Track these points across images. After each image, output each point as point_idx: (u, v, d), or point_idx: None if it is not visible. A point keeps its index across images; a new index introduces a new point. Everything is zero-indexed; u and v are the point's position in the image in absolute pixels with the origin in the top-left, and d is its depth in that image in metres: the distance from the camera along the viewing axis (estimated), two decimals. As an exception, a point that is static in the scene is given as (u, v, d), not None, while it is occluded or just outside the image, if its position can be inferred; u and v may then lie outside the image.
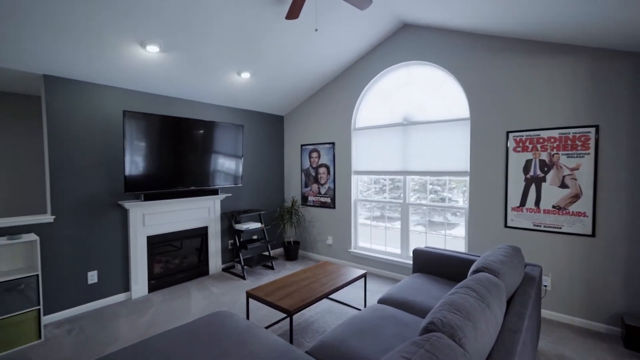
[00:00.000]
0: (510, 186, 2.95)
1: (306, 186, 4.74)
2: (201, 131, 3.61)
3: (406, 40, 3.59)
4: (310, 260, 4.58)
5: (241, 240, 4.13)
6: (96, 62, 2.74)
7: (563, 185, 2.71)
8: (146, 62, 2.92)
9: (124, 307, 3.08)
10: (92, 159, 3.03)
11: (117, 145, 3.19)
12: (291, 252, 4.53)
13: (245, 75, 3.55)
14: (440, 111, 3.46)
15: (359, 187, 4.26)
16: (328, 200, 4.46)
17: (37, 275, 2.47)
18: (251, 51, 3.17)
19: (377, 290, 3.50)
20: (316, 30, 2.31)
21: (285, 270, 4.11)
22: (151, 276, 3.46)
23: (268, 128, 4.78)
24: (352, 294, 3.37)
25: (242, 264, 3.87)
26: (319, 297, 2.36)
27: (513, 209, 2.95)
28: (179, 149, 3.43)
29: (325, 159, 4.48)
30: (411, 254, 3.77)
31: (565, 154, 2.69)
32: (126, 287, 3.28)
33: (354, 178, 4.23)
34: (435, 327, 1.16)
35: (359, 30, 3.37)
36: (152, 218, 3.42)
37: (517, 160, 2.92)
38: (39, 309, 2.48)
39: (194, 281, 3.75)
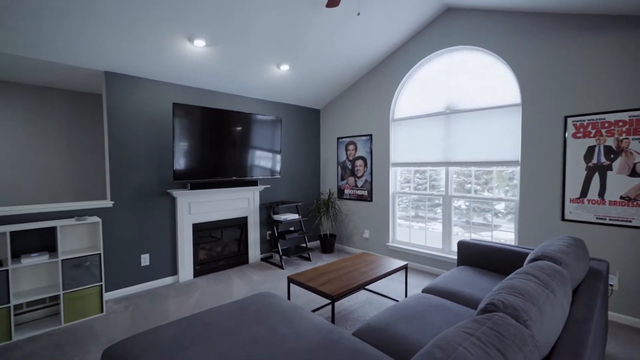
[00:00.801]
0: (569, 176, 2.71)
1: (342, 179, 4.72)
2: (242, 123, 3.73)
3: (450, 25, 3.43)
4: (347, 253, 4.55)
5: (279, 231, 4.20)
6: (149, 58, 2.94)
7: (634, 173, 2.43)
8: (193, 57, 3.07)
9: (172, 289, 3.27)
10: (145, 150, 3.25)
11: (167, 138, 3.40)
12: (327, 245, 4.53)
13: (285, 67, 3.61)
14: (486, 98, 3.27)
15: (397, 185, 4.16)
16: (365, 193, 4.41)
17: (100, 254, 2.70)
18: (291, 42, 3.22)
19: (418, 284, 3.39)
20: (358, 14, 2.28)
21: (321, 262, 4.13)
22: (196, 262, 3.64)
23: (304, 122, 4.83)
24: (390, 287, 3.30)
25: (280, 253, 3.94)
26: (362, 284, 2.33)
27: (572, 200, 2.70)
28: (222, 140, 3.57)
29: (362, 151, 4.43)
30: (454, 248, 3.61)
31: (636, 139, 2.42)
32: (174, 271, 3.49)
33: (392, 170, 4.14)
34: (496, 307, 1.09)
35: (399, 17, 3.28)
36: (197, 207, 3.60)
37: (577, 148, 2.67)
38: (101, 285, 2.71)
39: (235, 269, 3.89)
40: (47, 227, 2.64)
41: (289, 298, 2.58)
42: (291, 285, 3.33)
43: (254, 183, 4.04)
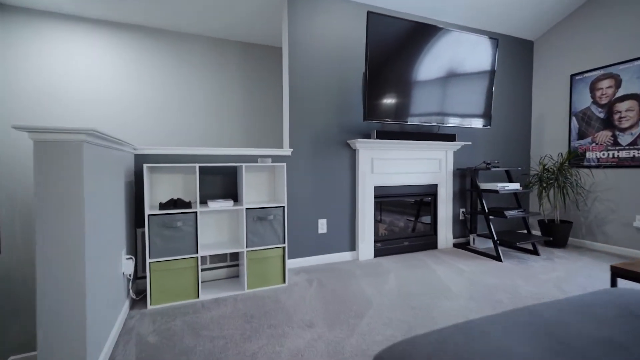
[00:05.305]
0: None
1: (582, 137, 3.07)
2: (446, 45, 2.65)
3: None
4: (594, 251, 2.89)
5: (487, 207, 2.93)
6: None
7: None
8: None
9: (355, 267, 2.50)
10: (324, 90, 2.59)
11: (347, 73, 2.66)
12: (556, 235, 2.98)
13: (519, -50, 2.34)
14: None
15: None
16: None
17: (284, 207, 2.11)
18: None
19: None
20: None
21: (562, 261, 2.64)
22: (376, 237, 2.80)
23: (509, 59, 3.39)
24: None
25: (495, 238, 2.68)
26: None
27: None
28: (420, 68, 2.60)
29: (634, 85, 2.69)
30: None
31: None
32: (352, 246, 2.73)
33: None
34: None
35: None
36: (381, 164, 2.75)
37: None
38: (284, 248, 2.12)
39: (424, 253, 2.87)
40: (232, 165, 2.24)
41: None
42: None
43: (450, 138, 2.91)
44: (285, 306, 1.81)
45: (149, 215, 1.80)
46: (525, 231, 3.39)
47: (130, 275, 1.75)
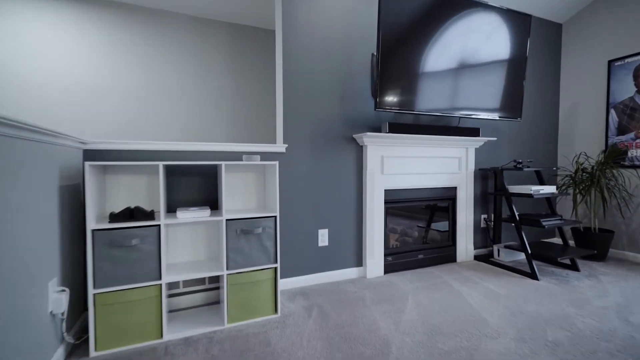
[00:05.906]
0: None
1: (622, 132, 2.66)
2: (475, 23, 2.23)
3: None
4: (637, 264, 2.48)
5: (518, 214, 2.50)
6: None
7: None
8: None
9: (364, 288, 2.06)
10: (325, 74, 2.14)
11: (356, 59, 2.22)
12: (596, 247, 2.57)
13: None
14: None
15: None
16: (699, 151, 2.25)
17: (275, 217, 1.66)
18: None
19: None
20: None
21: (610, 279, 2.22)
22: (386, 250, 2.36)
23: (533, 43, 2.97)
24: None
25: (529, 251, 2.25)
26: None
27: None
28: (443, 50, 2.17)
29: (690, 70, 2.29)
30: None
31: None
32: (359, 261, 2.29)
33: None
34: None
35: None
36: (392, 163, 2.31)
37: None
38: (276, 269, 1.68)
39: (441, 268, 2.44)
40: (208, 164, 1.79)
41: None
42: None
43: (472, 133, 2.48)
44: (276, 351, 1.36)
45: (92, 231, 1.34)
46: (558, 241, 2.97)
47: (63, 314, 1.29)
